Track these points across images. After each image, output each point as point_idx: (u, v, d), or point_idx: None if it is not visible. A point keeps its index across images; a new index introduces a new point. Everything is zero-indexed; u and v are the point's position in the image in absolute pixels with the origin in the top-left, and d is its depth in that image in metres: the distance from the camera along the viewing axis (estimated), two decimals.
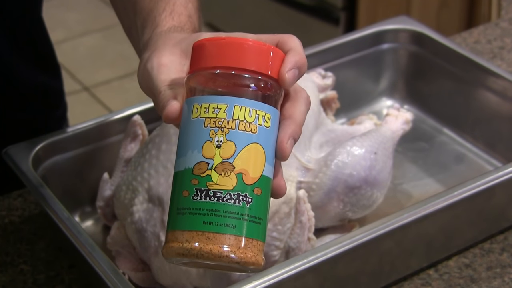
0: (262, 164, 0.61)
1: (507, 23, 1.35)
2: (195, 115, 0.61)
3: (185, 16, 0.75)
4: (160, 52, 0.67)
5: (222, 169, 0.59)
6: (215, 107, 0.60)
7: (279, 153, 0.62)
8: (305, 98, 0.64)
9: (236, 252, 0.59)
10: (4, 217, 0.99)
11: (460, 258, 0.94)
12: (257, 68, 0.61)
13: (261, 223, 0.61)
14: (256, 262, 0.60)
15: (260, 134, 0.60)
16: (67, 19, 3.09)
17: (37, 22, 1.05)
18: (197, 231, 0.59)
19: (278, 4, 2.62)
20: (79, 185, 1.01)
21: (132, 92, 2.60)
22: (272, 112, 0.61)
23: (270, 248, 0.87)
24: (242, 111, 0.60)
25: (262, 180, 0.61)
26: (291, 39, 0.64)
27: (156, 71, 0.66)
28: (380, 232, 0.84)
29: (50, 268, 0.93)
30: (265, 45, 0.62)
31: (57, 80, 1.12)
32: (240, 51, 0.61)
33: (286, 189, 0.63)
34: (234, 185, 0.59)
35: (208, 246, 0.59)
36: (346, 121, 1.16)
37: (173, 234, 0.60)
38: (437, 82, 1.17)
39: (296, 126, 0.63)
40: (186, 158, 0.60)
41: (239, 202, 0.59)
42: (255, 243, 0.60)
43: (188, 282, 0.87)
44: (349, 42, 1.16)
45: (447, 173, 1.09)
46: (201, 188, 0.59)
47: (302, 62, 0.63)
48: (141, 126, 0.97)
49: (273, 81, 0.62)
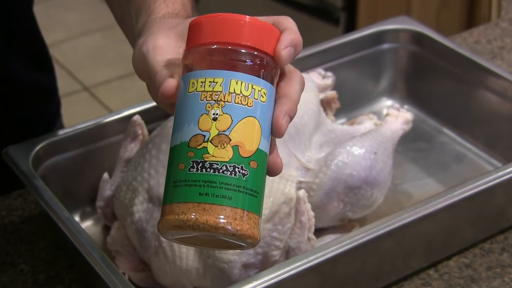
0: (258, 138, 0.61)
1: (507, 23, 1.35)
2: (191, 90, 0.61)
3: (179, 3, 0.76)
4: (155, 35, 0.68)
5: (218, 141, 0.60)
6: (211, 81, 0.60)
7: (275, 129, 0.62)
8: (299, 78, 0.65)
9: (232, 224, 0.59)
10: (4, 217, 0.99)
11: (460, 258, 0.94)
12: (253, 43, 0.61)
13: (257, 196, 0.61)
14: (252, 235, 0.60)
15: (256, 108, 0.61)
16: (67, 19, 3.09)
17: (29, 18, 1.05)
18: (193, 203, 0.59)
19: (278, 4, 2.62)
20: (79, 185, 1.01)
21: (132, 92, 2.60)
22: (268, 87, 0.62)
23: (270, 248, 0.87)
24: (238, 84, 0.60)
25: (258, 153, 0.61)
26: (287, 20, 0.65)
27: (151, 53, 0.66)
28: (380, 232, 0.84)
29: (50, 268, 0.93)
30: (261, 22, 0.62)
31: (50, 76, 1.12)
32: (237, 27, 0.61)
33: (282, 166, 0.64)
34: (230, 157, 0.59)
35: (204, 217, 0.58)
36: (346, 121, 1.16)
37: (169, 207, 0.60)
38: (437, 82, 1.17)
39: (292, 104, 0.63)
40: (182, 131, 0.61)
41: (235, 174, 0.59)
42: (251, 215, 0.60)
43: (188, 282, 0.87)
44: (349, 42, 1.16)
45: (447, 173, 1.09)
46: (197, 160, 0.59)
47: (298, 40, 0.64)
48: (141, 126, 0.97)
49: (269, 58, 0.62)
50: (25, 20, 1.04)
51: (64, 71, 2.75)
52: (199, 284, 0.87)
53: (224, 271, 0.85)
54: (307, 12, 2.54)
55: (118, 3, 0.82)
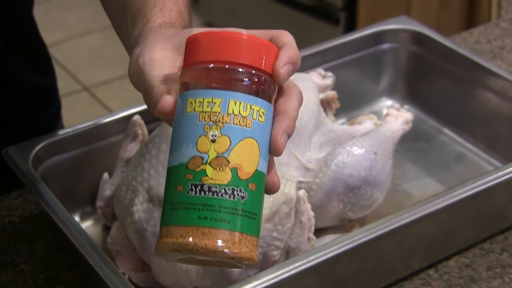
0: (257, 159, 0.60)
1: (507, 23, 1.35)
2: (189, 109, 0.60)
3: (176, 12, 0.75)
4: (152, 47, 0.67)
5: (217, 163, 0.59)
6: (209, 101, 0.60)
7: (273, 149, 0.62)
8: (297, 93, 0.64)
9: (231, 248, 0.59)
10: (4, 217, 0.99)
11: (460, 258, 0.94)
12: (251, 62, 0.60)
13: (256, 218, 0.60)
14: (250, 258, 0.60)
15: (254, 129, 0.60)
16: (67, 19, 3.10)
17: (28, 20, 1.05)
18: (191, 226, 0.59)
19: (278, 4, 2.62)
20: (79, 185, 1.01)
21: (132, 92, 2.58)
22: (266, 107, 0.61)
23: (270, 248, 0.87)
24: (237, 105, 0.60)
25: (257, 175, 0.60)
26: (285, 35, 0.64)
27: (148, 67, 0.65)
28: (380, 232, 0.84)
29: (50, 268, 0.93)
30: (259, 39, 0.61)
31: (51, 77, 1.12)
32: (234, 45, 0.60)
33: (279, 185, 0.63)
34: (229, 179, 0.59)
35: (203, 241, 0.58)
36: (346, 121, 1.16)
37: (167, 229, 0.60)
38: (437, 82, 1.17)
39: (290, 121, 0.63)
40: (180, 152, 0.60)
41: (234, 197, 0.59)
42: (250, 238, 0.60)
43: (188, 282, 0.87)
44: (349, 42, 1.16)
45: (447, 173, 1.08)
46: (196, 183, 0.59)
47: (296, 57, 0.63)
48: (141, 126, 0.97)
49: (267, 76, 0.61)
50: (25, 23, 1.04)
51: (64, 71, 2.75)
52: (199, 284, 0.87)
53: (224, 271, 0.85)
54: (307, 12, 2.54)
55: (115, 10, 0.82)
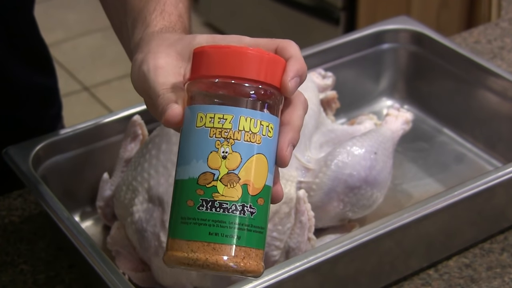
0: (265, 174, 0.61)
1: (507, 23, 1.35)
2: (199, 124, 0.60)
3: (176, 15, 0.74)
4: (155, 54, 0.66)
5: (228, 180, 0.59)
6: (220, 117, 0.60)
7: (279, 161, 0.62)
8: (302, 102, 0.64)
9: (240, 263, 0.59)
10: (4, 217, 0.99)
11: (460, 258, 0.94)
12: (259, 77, 0.60)
13: (263, 232, 0.61)
14: (257, 270, 0.60)
15: (263, 144, 0.60)
16: (67, 19, 3.09)
17: (29, 21, 1.05)
18: (202, 242, 0.59)
19: (278, 4, 2.62)
20: (79, 185, 1.01)
21: (132, 92, 2.57)
22: (274, 121, 0.61)
23: (270, 248, 0.87)
24: (247, 122, 0.60)
25: (265, 190, 0.61)
26: (291, 45, 0.64)
27: (153, 74, 0.65)
28: (380, 232, 0.84)
29: (50, 268, 0.92)
30: (266, 53, 0.61)
31: (52, 78, 1.12)
32: (242, 60, 0.60)
33: (283, 194, 0.64)
34: (240, 196, 0.59)
35: (214, 257, 0.59)
36: (346, 121, 1.16)
37: (177, 243, 0.60)
38: (437, 82, 1.17)
39: (295, 132, 0.63)
40: (190, 167, 0.60)
41: (244, 213, 0.59)
42: (257, 252, 0.60)
43: (188, 282, 0.87)
44: (349, 42, 1.16)
45: (447, 173, 1.08)
46: (207, 199, 0.59)
47: (303, 70, 0.63)
48: (141, 126, 0.97)
49: (275, 89, 0.61)
50: (25, 23, 1.04)
51: (64, 71, 2.75)
52: (199, 284, 0.87)
53: None
54: (307, 12, 2.54)
55: (116, 14, 0.82)
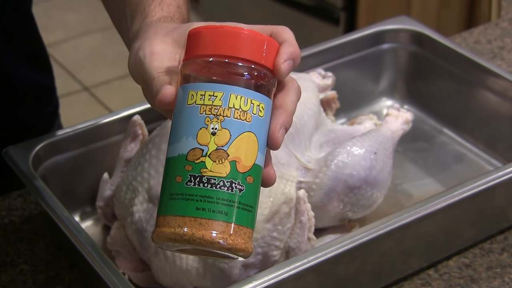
0: (255, 153, 0.61)
1: (507, 23, 1.35)
2: (190, 102, 0.61)
3: (174, 6, 0.75)
4: (152, 40, 0.67)
5: (216, 156, 0.60)
6: (211, 94, 0.61)
7: (271, 142, 0.62)
8: (295, 88, 0.65)
9: (227, 239, 0.59)
10: (4, 217, 0.99)
11: (460, 258, 0.94)
12: (253, 57, 0.61)
13: (252, 211, 0.61)
14: (245, 249, 0.61)
15: (254, 123, 0.61)
16: (67, 19, 3.09)
17: (27, 19, 1.05)
18: (189, 217, 0.59)
19: (278, 4, 2.62)
20: (79, 185, 1.01)
21: (132, 92, 2.60)
22: (265, 101, 0.62)
23: (270, 248, 0.87)
24: (237, 99, 0.61)
25: (255, 168, 0.61)
26: (285, 31, 0.65)
27: (148, 59, 0.66)
28: (380, 232, 0.84)
29: (50, 268, 0.93)
30: (260, 34, 0.62)
31: (49, 76, 1.12)
32: (235, 40, 0.61)
33: (275, 178, 0.64)
34: (228, 172, 0.60)
35: (200, 232, 0.59)
36: (346, 121, 1.16)
37: (165, 219, 0.61)
38: (437, 82, 1.17)
39: (287, 116, 0.63)
40: (180, 144, 0.61)
41: (232, 190, 0.60)
42: (245, 230, 0.61)
43: (188, 282, 0.87)
44: (349, 42, 1.16)
45: (447, 173, 1.09)
46: (195, 174, 0.60)
47: (297, 53, 0.64)
48: (141, 126, 0.97)
49: (268, 71, 0.62)
50: (23, 21, 1.04)
51: (64, 71, 2.75)
52: (199, 284, 0.87)
53: (224, 271, 0.85)
54: (307, 12, 2.54)
55: (114, 6, 0.82)
